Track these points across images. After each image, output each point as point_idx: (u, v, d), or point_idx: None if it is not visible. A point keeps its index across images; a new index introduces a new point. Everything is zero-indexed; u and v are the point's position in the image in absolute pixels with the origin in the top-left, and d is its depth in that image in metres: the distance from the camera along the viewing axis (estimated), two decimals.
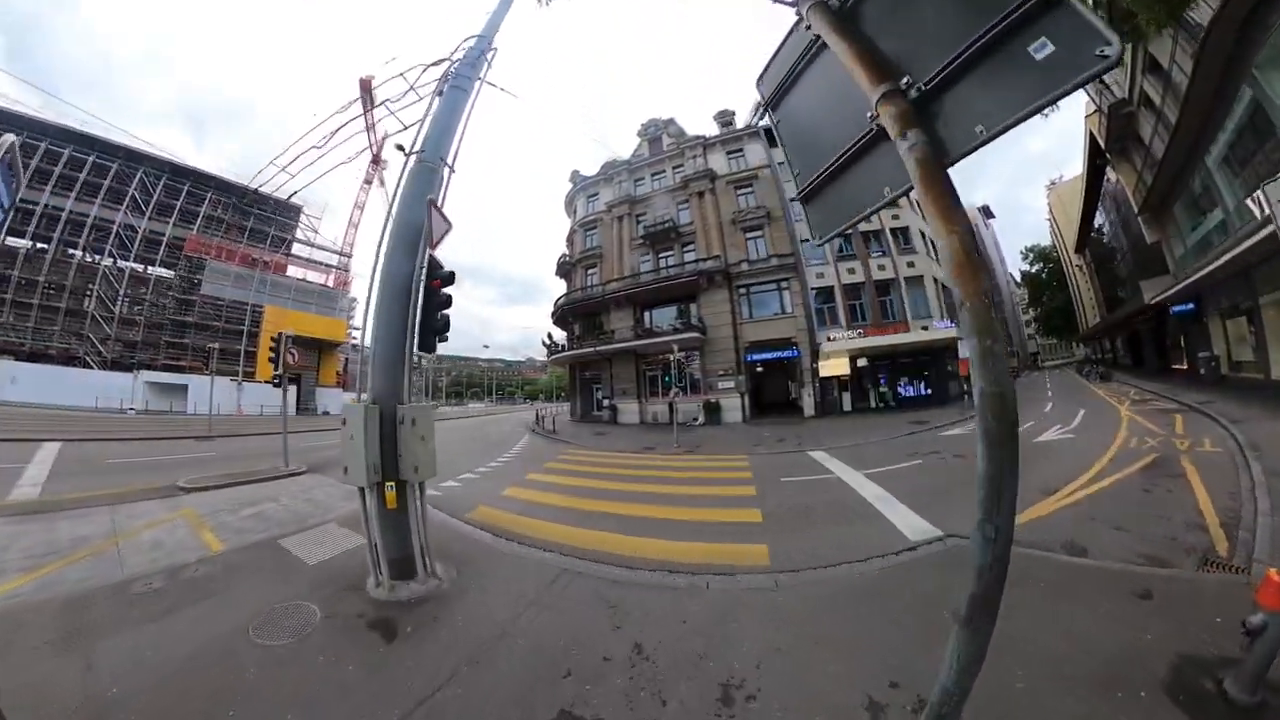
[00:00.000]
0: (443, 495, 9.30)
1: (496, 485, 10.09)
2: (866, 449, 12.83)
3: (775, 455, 13.43)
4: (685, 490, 9.30)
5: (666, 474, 10.96)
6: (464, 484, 10.38)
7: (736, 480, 10.09)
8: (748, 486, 9.41)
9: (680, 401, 23.56)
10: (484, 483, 10.52)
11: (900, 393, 25.04)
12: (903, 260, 26.48)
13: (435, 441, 5.24)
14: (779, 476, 10.08)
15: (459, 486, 10.13)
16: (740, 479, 10.20)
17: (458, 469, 11.94)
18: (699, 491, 9.22)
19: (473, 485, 10.29)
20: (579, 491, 9.37)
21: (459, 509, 8.26)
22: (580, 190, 32.93)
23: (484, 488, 9.97)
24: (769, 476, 10.15)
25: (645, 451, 14.76)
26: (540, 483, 10.23)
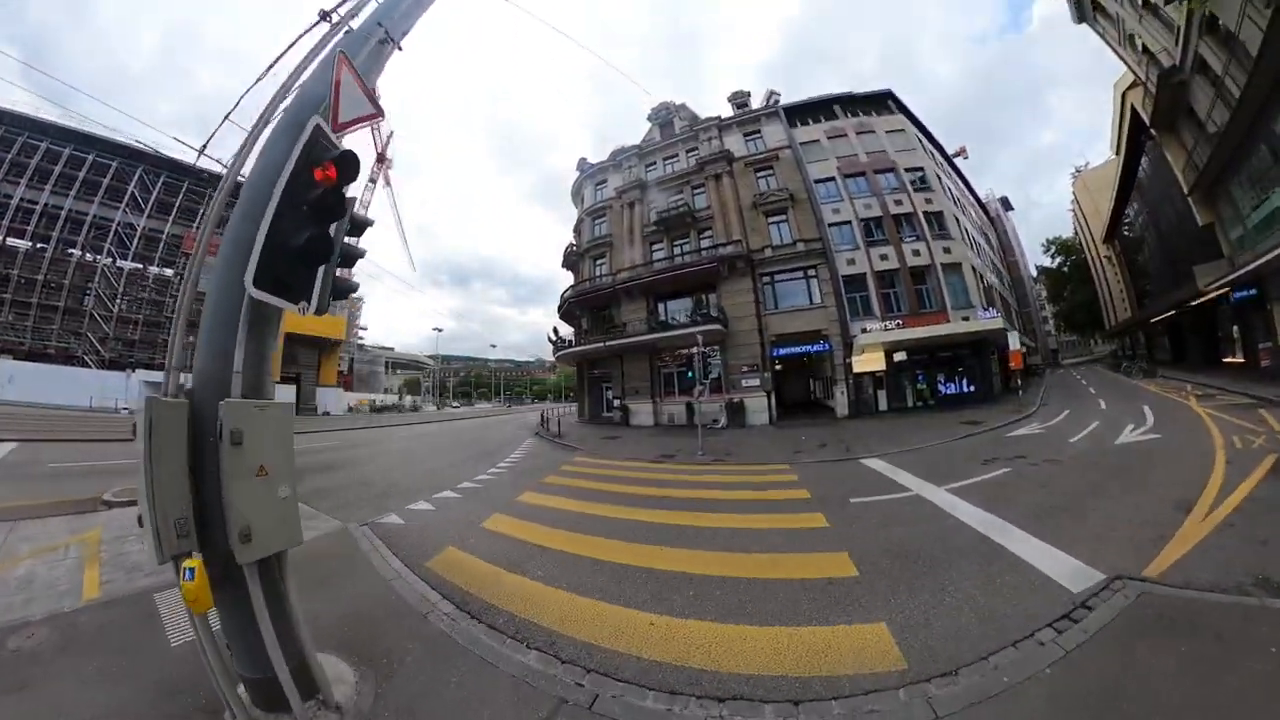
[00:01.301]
0: (404, 526, 6.91)
1: (479, 510, 7.69)
2: (928, 455, 10.84)
3: (824, 465, 11.04)
4: (729, 521, 6.79)
5: (697, 493, 8.49)
6: (438, 507, 7.97)
7: (792, 503, 7.61)
8: (812, 513, 6.94)
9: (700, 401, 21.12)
10: (465, 505, 8.12)
11: (940, 390, 22.37)
12: (938, 246, 23.85)
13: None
14: (844, 496, 7.74)
15: (431, 512, 7.73)
16: (797, 500, 7.74)
17: (440, 483, 9.59)
18: (749, 523, 6.71)
19: (449, 509, 7.89)
20: (583, 523, 6.90)
21: (420, 550, 5.88)
22: (588, 177, 30.49)
23: (462, 513, 7.59)
24: (832, 496, 7.78)
25: (664, 460, 12.28)
26: (534, 508, 7.79)
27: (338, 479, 10.79)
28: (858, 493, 7.96)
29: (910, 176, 25.84)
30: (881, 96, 30.11)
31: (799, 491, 8.26)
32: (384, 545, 6.18)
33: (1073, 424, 13.39)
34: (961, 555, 4.93)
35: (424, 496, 8.63)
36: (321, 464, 12.93)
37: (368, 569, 5.39)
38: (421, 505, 7.96)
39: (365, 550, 6.03)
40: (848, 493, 8.00)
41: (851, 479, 9.20)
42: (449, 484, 9.55)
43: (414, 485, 9.65)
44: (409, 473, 11.14)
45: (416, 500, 8.32)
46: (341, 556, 5.84)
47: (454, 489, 9.15)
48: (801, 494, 8.09)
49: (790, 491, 8.27)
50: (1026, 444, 11.05)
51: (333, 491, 9.50)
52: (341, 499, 8.90)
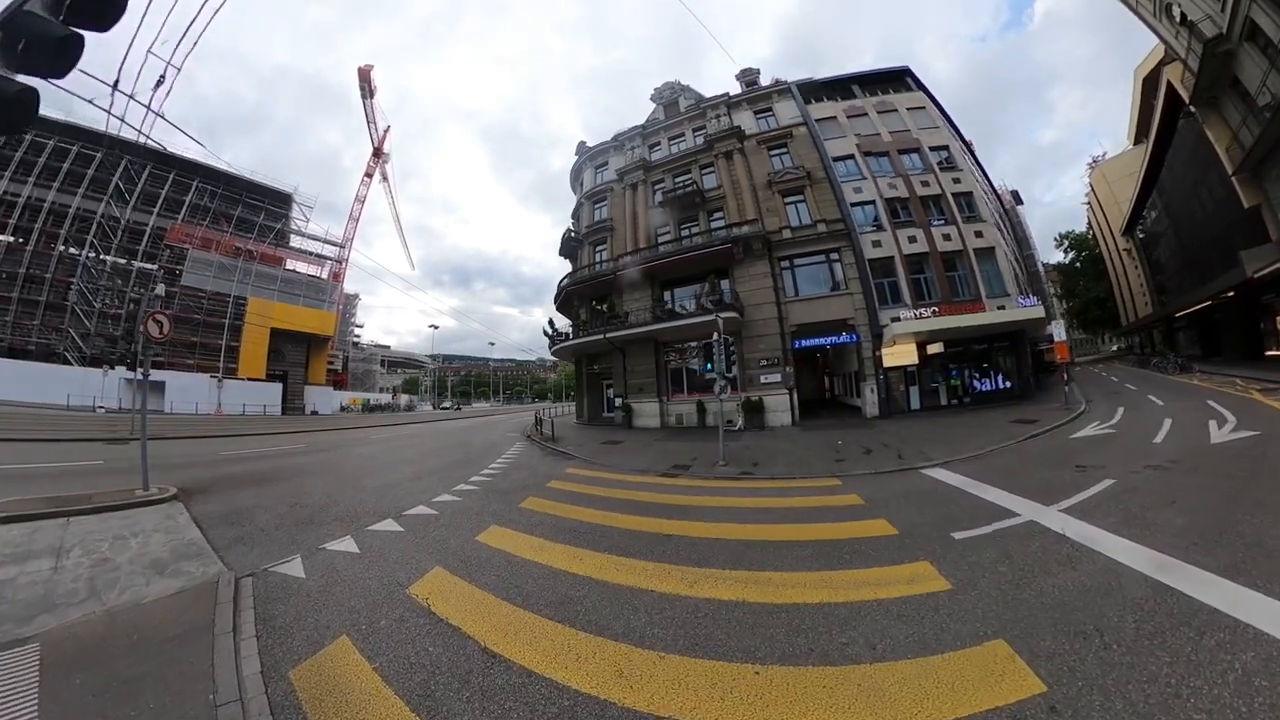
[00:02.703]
0: (302, 583, 4.55)
1: (417, 557, 5.25)
2: (997, 463, 9.15)
3: (881, 479, 8.64)
4: (796, 590, 4.31)
5: (733, 530, 5.98)
6: (365, 548, 5.52)
7: (875, 544, 5.18)
8: (912, 561, 4.65)
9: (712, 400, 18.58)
10: (402, 545, 5.65)
11: (974, 386, 19.94)
12: (969, 229, 21.47)
13: None
14: (937, 526, 5.60)
15: (351, 557, 5.27)
16: (881, 539, 5.32)
17: (387, 505, 7.21)
18: (830, 589, 4.21)
19: (377, 552, 5.42)
20: (570, 592, 4.37)
21: (298, 636, 3.55)
22: (588, 160, 28.05)
23: (392, 561, 5.15)
24: (921, 528, 5.59)
25: (679, 473, 9.80)
26: (497, 557, 5.26)
27: (269, 495, 8.39)
28: (952, 521, 5.71)
29: (936, 156, 23.50)
30: (899, 74, 27.81)
31: (875, 522, 5.84)
32: (253, 619, 3.85)
33: (1140, 423, 11.93)
34: (1163, 626, 3.20)
35: (357, 526, 6.21)
36: (264, 473, 10.53)
37: (198, 674, 3.03)
38: (342, 545, 5.51)
39: (221, 629, 3.69)
40: (938, 521, 5.78)
41: (929, 499, 6.94)
42: (397, 507, 7.15)
43: (353, 508, 7.22)
44: (359, 488, 8.72)
45: (344, 534, 5.90)
46: (176, 639, 3.52)
47: (400, 516, 6.71)
48: (880, 526, 5.67)
49: (864, 524, 5.82)
50: (1103, 447, 9.54)
51: (250, 513, 7.12)
52: (254, 525, 6.56)
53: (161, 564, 5.38)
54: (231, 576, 4.75)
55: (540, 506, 7.07)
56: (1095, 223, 55.34)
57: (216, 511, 7.27)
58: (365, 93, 59.97)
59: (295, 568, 5.03)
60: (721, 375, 9.89)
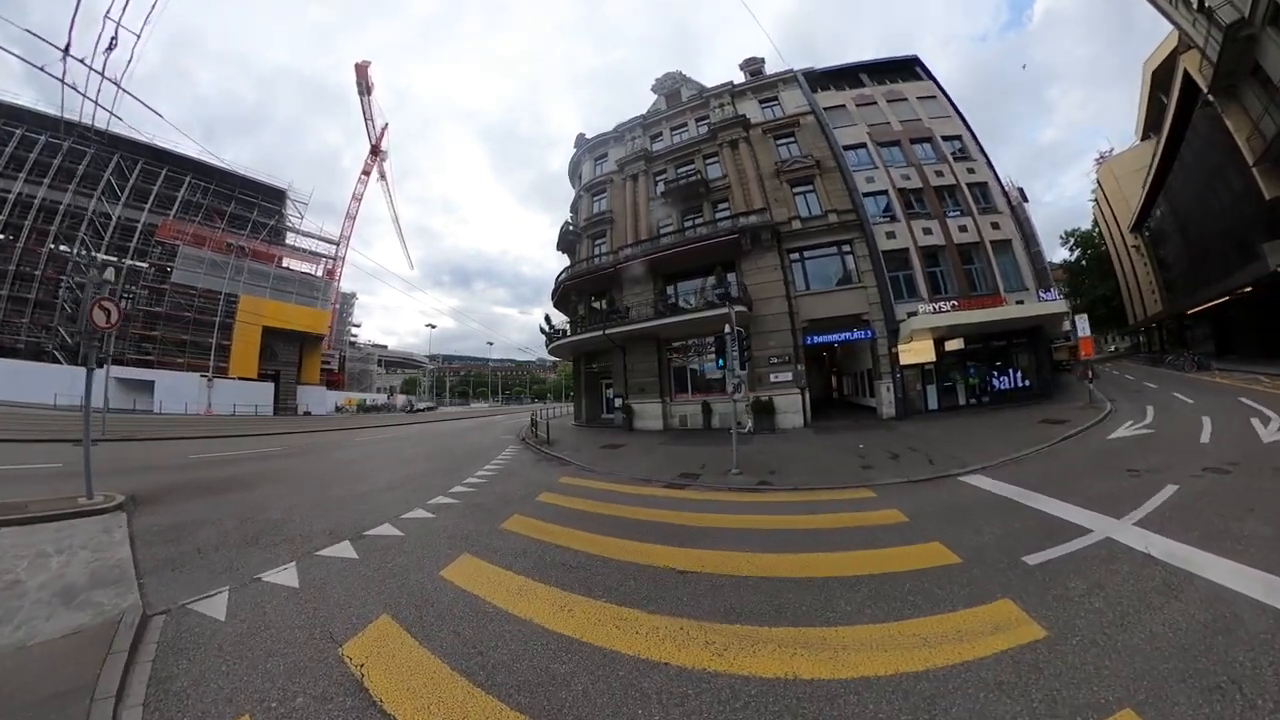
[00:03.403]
0: (218, 630, 3.47)
1: (366, 598, 4.12)
2: (1039, 467, 8.42)
3: (918, 489, 7.63)
4: (855, 654, 3.19)
5: (757, 559, 4.87)
6: (307, 581, 4.38)
7: (937, 577, 4.11)
8: (988, 601, 3.65)
9: (719, 401, 17.61)
10: (354, 576, 4.50)
11: (992, 384, 18.87)
12: (985, 221, 20.45)
13: None
14: (1002, 547, 4.77)
15: (287, 594, 4.13)
16: (942, 570, 4.24)
17: (347, 523, 6.13)
18: (898, 655, 3.06)
19: (320, 587, 4.29)
20: (555, 668, 3.19)
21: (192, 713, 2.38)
22: (587, 152, 26.94)
23: (335, 601, 4.01)
24: (985, 551, 4.71)
25: (687, 482, 8.70)
26: (462, 604, 4.08)
27: (223, 506, 7.31)
28: (1017, 542, 4.83)
29: (949, 147, 22.49)
30: (907, 63, 26.77)
31: (929, 547, 4.76)
32: (146, 679, 2.86)
33: (1178, 423, 11.37)
34: None
35: (307, 550, 5.11)
36: (227, 480, 9.44)
37: None
38: (281, 576, 4.39)
39: (103, 692, 2.81)
40: (1002, 542, 4.86)
41: (980, 513, 5.98)
42: (359, 526, 6.07)
43: (309, 525, 6.12)
44: (323, 500, 7.61)
45: (288, 560, 4.80)
46: (47, 704, 2.62)
47: (359, 538, 5.62)
48: (937, 552, 4.60)
49: (917, 549, 4.71)
50: (1148, 449, 8.93)
51: (195, 529, 6.08)
52: (193, 543, 5.53)
53: (73, 591, 4.38)
54: (138, 615, 3.76)
55: (525, 528, 5.93)
56: (1102, 220, 54.29)
57: (160, 525, 6.28)
58: (362, 89, 58.91)
59: (217, 606, 3.97)
60: (734, 373, 8.79)
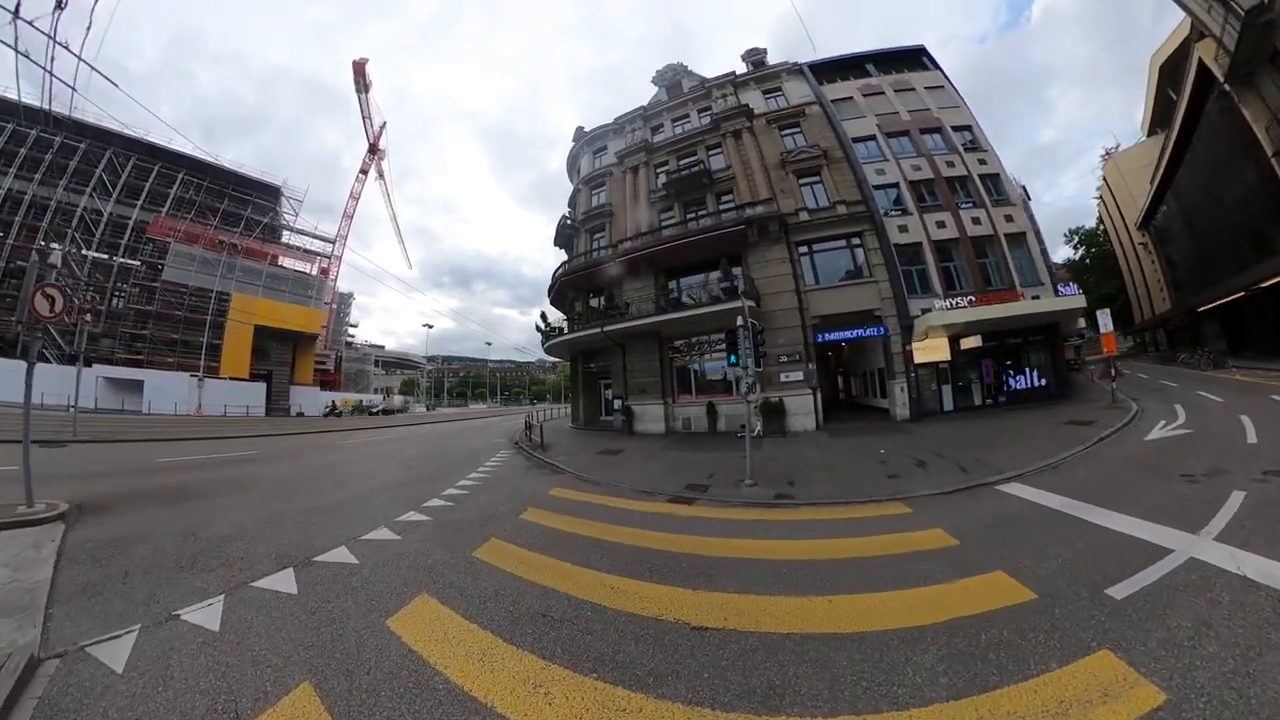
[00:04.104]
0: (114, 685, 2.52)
1: (291, 655, 3.07)
2: (1080, 473, 7.64)
3: (954, 501, 6.73)
4: None
5: (790, 603, 3.90)
6: (228, 626, 3.34)
7: (1011, 616, 3.22)
8: (1091, 654, 2.78)
9: (724, 402, 16.65)
10: (279, 625, 3.46)
11: (1008, 384, 17.95)
12: (999, 213, 19.51)
13: None
14: (1077, 577, 3.97)
15: (198, 646, 3.09)
16: (1015, 606, 3.32)
17: (299, 544, 5.16)
18: None
19: (242, 635, 3.28)
20: None
21: None
22: (586, 145, 26.00)
23: (249, 660, 2.94)
24: (1057, 581, 3.92)
25: (695, 495, 7.71)
26: (405, 671, 3.03)
27: (172, 518, 6.41)
28: (1090, 567, 4.07)
29: (960, 138, 21.55)
30: (914, 53, 25.87)
31: (993, 578, 3.86)
32: None
33: (1214, 423, 10.67)
34: None
35: (244, 579, 4.15)
36: (187, 487, 8.43)
37: None
38: (203, 614, 3.44)
39: None
40: (1073, 568, 4.08)
41: (1036, 532, 5.17)
42: (310, 549, 5.12)
43: (255, 546, 5.15)
44: (282, 513, 6.62)
45: (217, 593, 3.89)
46: None
47: (306, 565, 4.67)
48: (1003, 585, 3.71)
49: (978, 581, 3.79)
50: (1193, 452, 8.16)
51: (132, 545, 5.28)
52: (124, 564, 4.77)
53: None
54: (24, 659, 2.97)
55: (502, 557, 4.91)
56: (1107, 217, 53.41)
57: (96, 540, 5.50)
58: (360, 87, 58.00)
59: (119, 653, 3.16)
60: (748, 370, 7.83)
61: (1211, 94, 28.28)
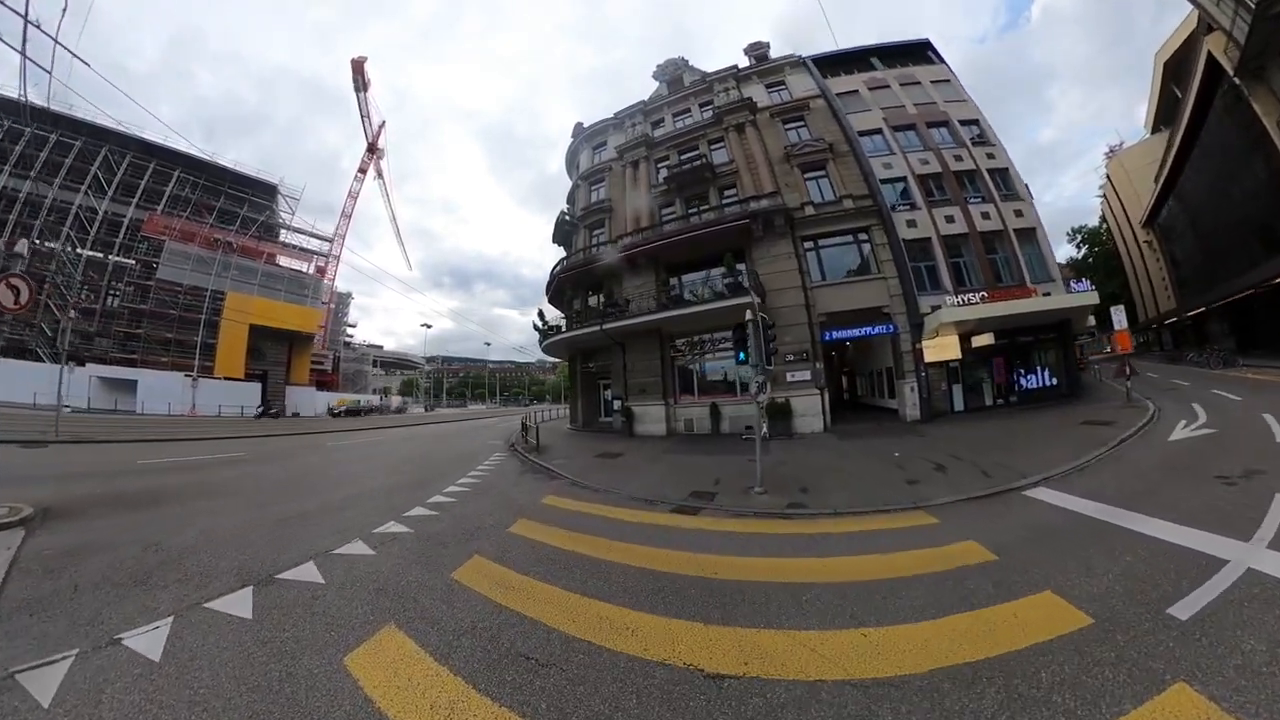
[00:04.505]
0: None
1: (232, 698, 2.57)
2: (1109, 476, 7.22)
3: (981, 508, 6.19)
4: None
5: (817, 639, 3.34)
6: (170, 657, 2.72)
7: (1068, 645, 2.71)
8: (1165, 690, 2.38)
9: (728, 403, 15.99)
10: (224, 658, 2.79)
11: (1019, 383, 17.43)
12: (1009, 208, 19.00)
13: None
14: (1147, 603, 3.39)
15: (132, 680, 2.46)
16: (1072, 634, 2.76)
17: (265, 559, 4.55)
18: None
19: (184, 667, 2.62)
20: None
21: None
22: (585, 140, 25.47)
23: (187, 700, 2.48)
24: (1118, 605, 3.39)
25: (700, 504, 7.15)
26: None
27: (137, 525, 5.89)
28: (1142, 582, 3.70)
29: (967, 132, 21.04)
30: (919, 47, 25.38)
31: (1041, 600, 3.32)
32: None
33: (1237, 422, 10.35)
34: None
35: (198, 599, 3.61)
36: (161, 491, 7.85)
37: None
38: (145, 640, 2.91)
39: None
40: (1125, 584, 3.68)
41: (1076, 542, 4.73)
42: (275, 564, 4.57)
43: (218, 559, 4.59)
44: (253, 521, 6.06)
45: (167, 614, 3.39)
46: None
47: (269, 583, 4.11)
48: (1053, 607, 3.17)
49: (1025, 605, 3.23)
50: (1222, 452, 7.79)
51: (89, 555, 4.82)
52: (74, 577, 4.32)
53: None
54: None
55: (484, 579, 4.33)
56: (1110, 215, 52.91)
57: (54, 548, 5.06)
58: (359, 86, 57.53)
59: (49, 681, 2.73)
60: (759, 368, 7.27)
61: (1220, 88, 27.78)
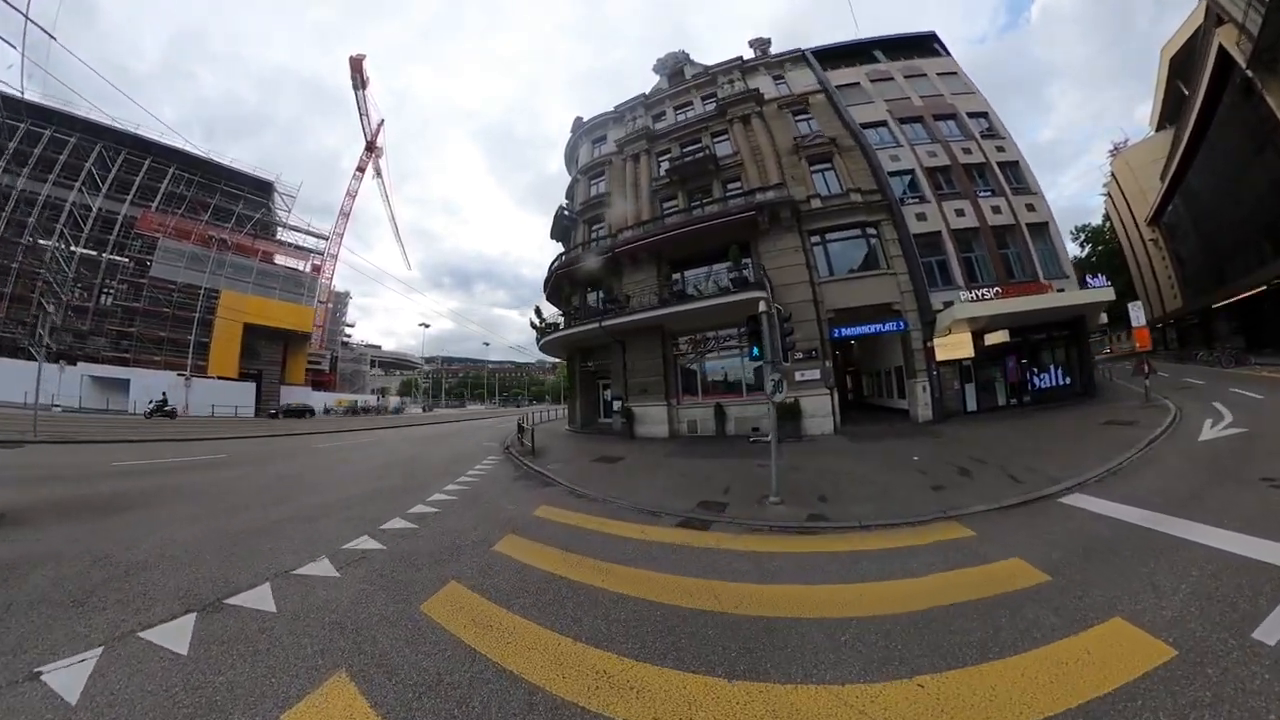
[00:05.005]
0: None
1: None
2: (1148, 481, 6.63)
3: (1017, 518, 5.54)
4: None
5: (860, 693, 2.65)
6: (86, 702, 2.21)
7: (1155, 684, 2.04)
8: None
9: (734, 404, 15.21)
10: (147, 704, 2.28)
11: (1032, 382, 16.82)
12: (1020, 202, 18.38)
13: None
14: (1230, 626, 2.93)
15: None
16: (1156, 670, 2.21)
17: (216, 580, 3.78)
18: None
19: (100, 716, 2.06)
20: None
21: None
22: (585, 134, 24.83)
23: None
24: (1196, 629, 2.93)
25: (710, 517, 6.46)
26: None
27: (94, 534, 5.27)
28: (1220, 601, 3.25)
29: (976, 125, 20.42)
30: (924, 39, 24.78)
31: (1111, 628, 2.69)
32: None
33: (1267, 421, 9.83)
34: None
35: (132, 627, 2.99)
36: (124, 497, 7.14)
37: None
38: (63, 679, 2.30)
39: None
40: (1198, 603, 3.24)
41: (1129, 555, 4.23)
42: (230, 584, 3.88)
43: (166, 579, 3.89)
44: (218, 532, 5.41)
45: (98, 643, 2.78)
46: None
47: (216, 609, 3.41)
48: (1126, 638, 2.55)
49: (1095, 636, 2.60)
50: (1257, 452, 7.36)
51: (31, 568, 4.33)
52: (5, 597, 3.76)
53: None
54: None
55: (458, 615, 3.59)
56: (1114, 213, 52.31)
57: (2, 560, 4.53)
58: (357, 84, 56.92)
59: None
60: (773, 364, 6.61)
61: (1231, 82, 27.19)
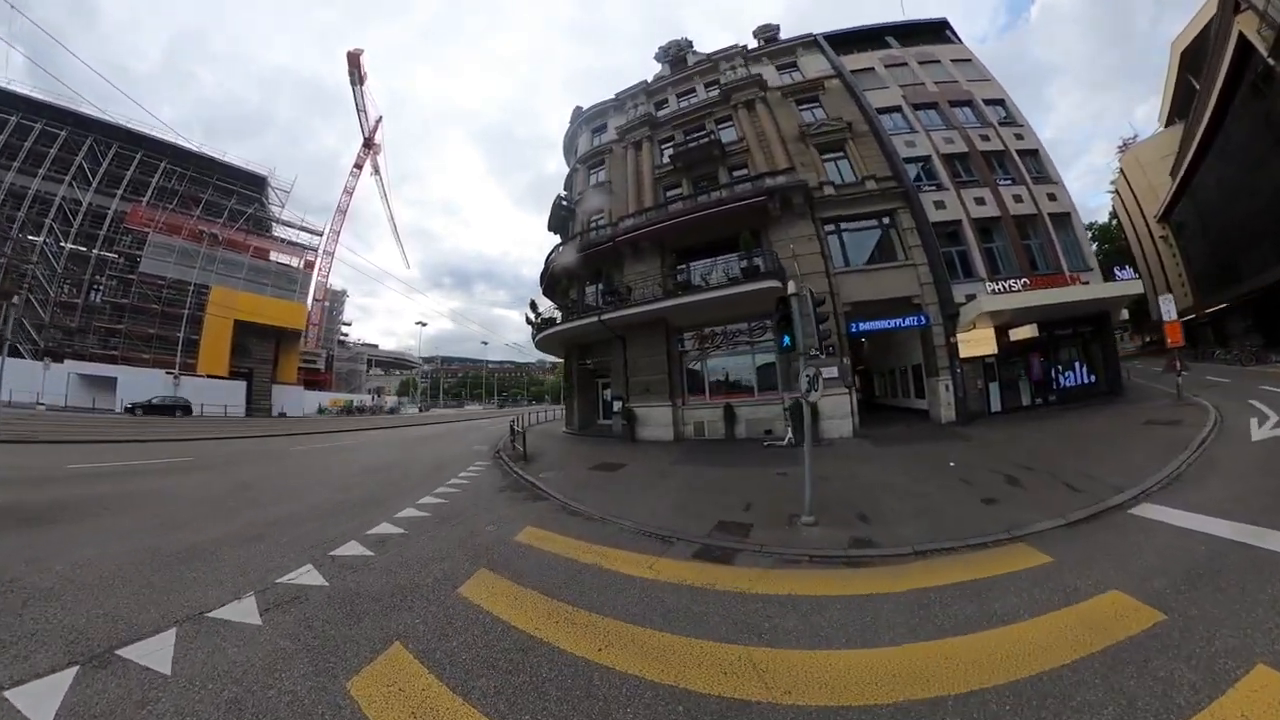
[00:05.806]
0: None
1: None
2: (1217, 488, 5.79)
3: (1090, 535, 4.46)
4: None
5: None
6: None
7: None
8: None
9: (744, 404, 14.03)
10: None
11: (1057, 381, 15.81)
12: (1041, 191, 17.40)
13: None
14: None
15: None
16: None
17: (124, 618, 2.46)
18: None
19: None
20: None
21: None
22: (584, 124, 23.78)
23: None
24: None
25: (732, 544, 5.29)
26: None
27: (17, 551, 4.29)
28: None
29: (993, 113, 19.44)
30: (936, 26, 23.90)
31: (1269, 686, 1.73)
32: None
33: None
34: None
35: (11, 675, 2.14)
36: (65, 505, 6.07)
37: None
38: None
39: None
40: None
41: (1241, 580, 3.38)
42: (132, 627, 2.64)
43: (66, 614, 2.83)
44: (152, 549, 4.19)
45: None
46: None
47: (105, 663, 2.48)
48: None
49: (1259, 702, 1.70)
50: None
51: None
52: None
53: None
54: None
55: (394, 709, 2.45)
56: (1123, 210, 51.33)
57: None
58: (355, 79, 55.88)
59: None
60: (806, 357, 5.62)
61: (1248, 72, 26.22)
